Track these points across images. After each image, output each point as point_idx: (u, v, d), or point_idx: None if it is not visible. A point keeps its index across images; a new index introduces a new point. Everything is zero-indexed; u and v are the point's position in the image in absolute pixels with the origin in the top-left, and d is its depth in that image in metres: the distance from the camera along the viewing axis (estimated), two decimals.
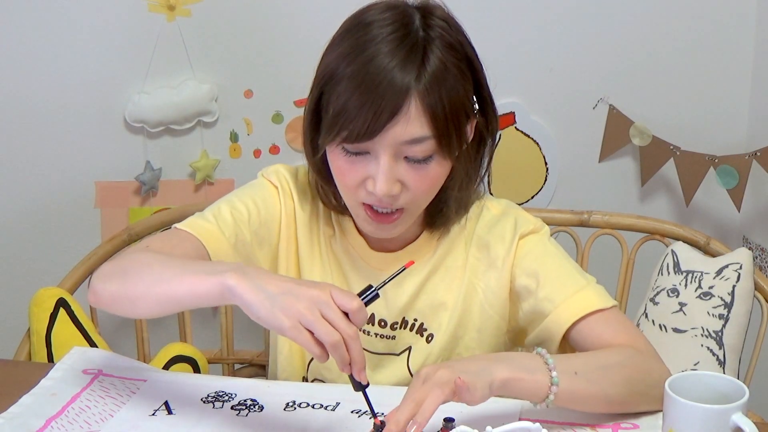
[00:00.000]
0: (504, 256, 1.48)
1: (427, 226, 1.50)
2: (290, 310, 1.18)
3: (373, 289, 1.25)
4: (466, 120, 1.39)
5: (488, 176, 1.51)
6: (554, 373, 1.28)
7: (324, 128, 1.36)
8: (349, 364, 1.21)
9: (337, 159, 1.38)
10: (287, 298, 1.19)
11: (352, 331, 1.19)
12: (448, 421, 1.28)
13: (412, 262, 1.32)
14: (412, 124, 1.31)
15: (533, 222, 1.51)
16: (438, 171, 1.38)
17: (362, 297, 1.24)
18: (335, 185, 1.43)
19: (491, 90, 1.44)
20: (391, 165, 1.34)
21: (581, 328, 1.42)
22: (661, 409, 1.35)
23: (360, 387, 1.23)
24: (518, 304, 1.49)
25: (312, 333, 1.18)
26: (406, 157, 1.35)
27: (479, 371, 1.25)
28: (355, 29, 1.36)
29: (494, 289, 1.49)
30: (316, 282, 1.24)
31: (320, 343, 1.19)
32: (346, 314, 1.20)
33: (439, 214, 1.47)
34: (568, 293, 1.44)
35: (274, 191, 1.53)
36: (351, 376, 1.22)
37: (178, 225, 1.47)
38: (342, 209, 1.48)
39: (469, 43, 1.39)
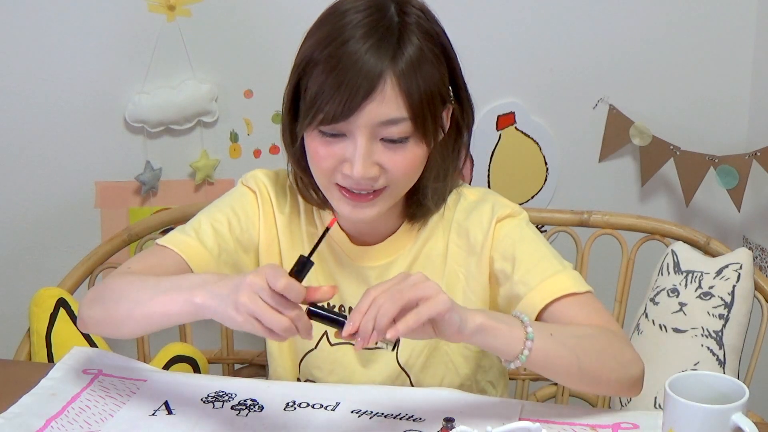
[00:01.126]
0: (482, 241, 1.48)
1: (407, 218, 1.50)
2: (237, 305, 1.20)
3: (305, 258, 1.25)
4: (442, 106, 1.40)
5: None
6: (530, 329, 1.28)
7: (301, 114, 1.38)
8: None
9: (313, 143, 1.38)
10: (233, 294, 1.21)
11: (293, 314, 1.20)
12: (448, 421, 1.28)
13: (335, 220, 1.33)
14: (387, 104, 1.33)
15: (510, 206, 1.51)
16: (416, 153, 1.38)
17: (294, 270, 1.23)
18: (311, 175, 1.44)
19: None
20: (368, 147, 1.35)
21: (554, 311, 1.41)
22: (628, 395, 1.36)
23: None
24: (497, 289, 1.49)
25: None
26: (382, 139, 1.36)
27: (457, 306, 1.25)
28: (331, 17, 1.38)
29: (475, 275, 1.50)
30: (257, 269, 1.25)
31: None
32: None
33: (418, 205, 1.48)
34: (543, 276, 1.43)
35: (252, 196, 1.54)
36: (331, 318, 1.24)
37: (159, 241, 1.49)
38: (322, 203, 1.49)
39: (444, 33, 1.41)
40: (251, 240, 1.53)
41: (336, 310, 1.52)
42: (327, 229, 1.28)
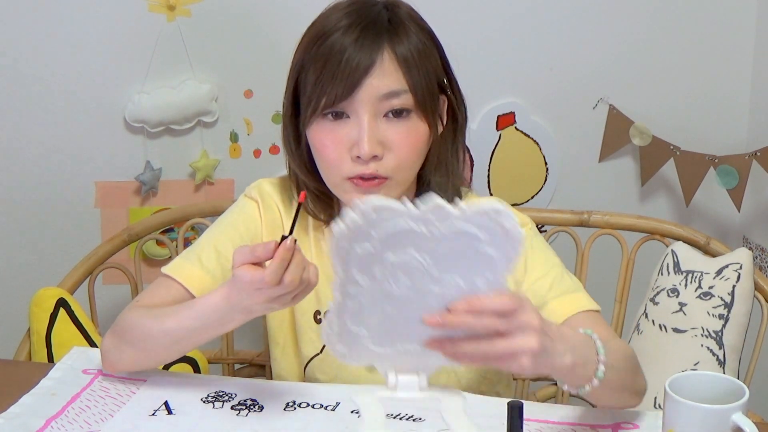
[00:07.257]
0: None
1: None
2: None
3: (285, 236, 1.23)
4: (440, 91, 1.43)
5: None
6: (601, 366, 1.24)
7: (303, 107, 1.40)
8: None
9: (318, 135, 1.40)
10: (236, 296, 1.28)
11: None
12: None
13: (305, 194, 1.33)
14: (388, 77, 1.37)
15: (519, 215, 1.52)
16: (418, 130, 1.40)
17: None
18: (318, 179, 1.44)
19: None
20: (372, 123, 1.37)
21: (572, 323, 1.41)
22: (634, 406, 1.37)
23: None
24: None
25: None
26: (385, 116, 1.38)
27: (560, 352, 1.19)
28: (317, 22, 1.42)
29: None
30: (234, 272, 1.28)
31: None
32: None
33: None
34: (563, 290, 1.45)
35: (253, 206, 1.54)
36: None
37: (164, 269, 1.49)
38: (327, 219, 1.49)
39: (435, 34, 1.45)
40: None
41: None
42: (300, 204, 1.25)
